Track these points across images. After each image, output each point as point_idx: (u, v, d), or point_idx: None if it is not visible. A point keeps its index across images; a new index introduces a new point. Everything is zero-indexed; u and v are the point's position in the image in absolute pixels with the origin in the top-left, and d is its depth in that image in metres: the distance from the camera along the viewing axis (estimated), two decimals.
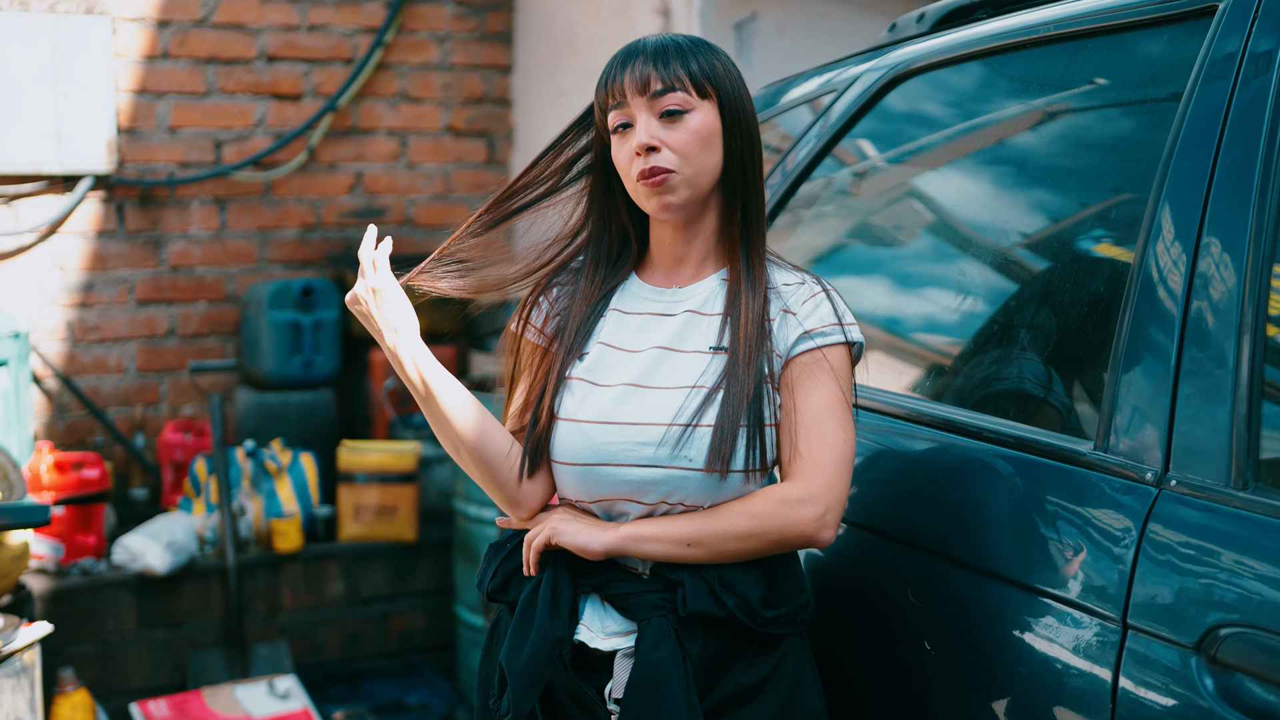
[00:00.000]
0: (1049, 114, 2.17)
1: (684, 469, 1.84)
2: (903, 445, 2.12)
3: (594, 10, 5.31)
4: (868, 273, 2.48)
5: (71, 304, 5.33)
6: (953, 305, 2.21)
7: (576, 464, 1.90)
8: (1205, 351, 1.67)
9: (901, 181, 2.48)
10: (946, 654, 1.91)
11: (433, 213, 5.91)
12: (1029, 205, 2.14)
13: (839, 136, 2.57)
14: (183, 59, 5.42)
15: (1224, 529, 1.60)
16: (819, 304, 1.91)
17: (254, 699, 4.32)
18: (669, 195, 1.88)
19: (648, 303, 1.98)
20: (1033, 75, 2.22)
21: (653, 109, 1.87)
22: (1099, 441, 1.78)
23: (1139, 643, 1.63)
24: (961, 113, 2.39)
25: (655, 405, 1.87)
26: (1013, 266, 2.13)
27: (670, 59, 1.88)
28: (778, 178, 2.65)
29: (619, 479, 1.87)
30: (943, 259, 2.30)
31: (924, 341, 2.30)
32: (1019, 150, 2.21)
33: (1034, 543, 1.81)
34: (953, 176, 2.35)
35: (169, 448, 5.17)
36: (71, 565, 4.55)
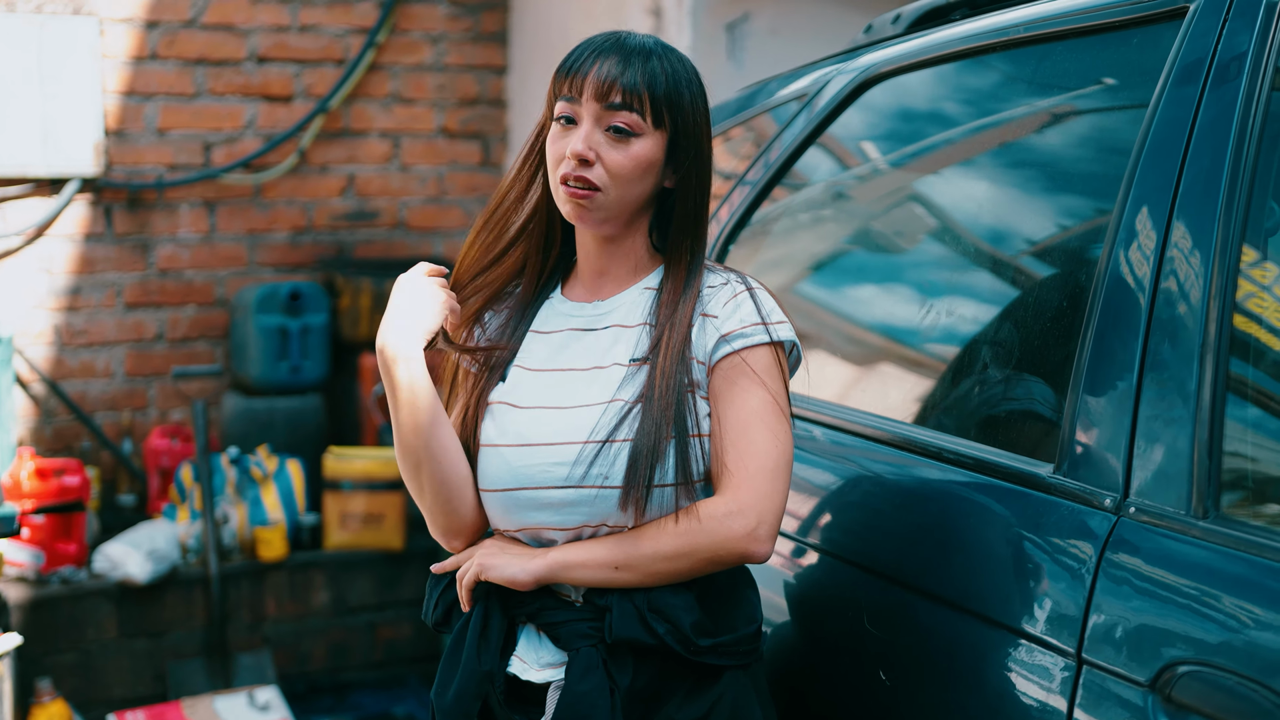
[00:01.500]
0: (1019, 119, 2.08)
1: (600, 487, 1.74)
2: (863, 465, 2.04)
3: (588, 11, 5.24)
4: (832, 282, 2.40)
5: (59, 308, 5.27)
6: (915, 320, 2.13)
7: (497, 490, 1.81)
8: (1167, 374, 1.59)
9: (870, 186, 2.40)
10: (902, 685, 1.82)
11: (426, 215, 5.83)
12: (994, 216, 2.06)
13: (810, 141, 2.49)
14: (171, 60, 5.36)
15: (1183, 559, 1.52)
16: (740, 304, 1.80)
17: (233, 710, 4.25)
18: (586, 212, 1.80)
19: (568, 319, 1.88)
20: (1002, 79, 2.14)
21: (601, 119, 1.77)
22: (1059, 465, 1.70)
23: (1094, 678, 1.55)
24: (929, 117, 2.31)
25: (571, 424, 1.78)
26: (977, 281, 2.04)
27: (640, 69, 1.76)
28: (747, 182, 2.57)
29: (539, 502, 1.78)
30: (906, 272, 2.22)
31: (885, 357, 2.22)
32: (986, 157, 2.12)
33: (991, 570, 1.73)
34: (919, 182, 2.27)
35: (155, 454, 5.11)
36: (52, 574, 4.49)
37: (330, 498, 4.88)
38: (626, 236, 1.86)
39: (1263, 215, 1.59)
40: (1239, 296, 1.56)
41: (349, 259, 5.64)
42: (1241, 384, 1.56)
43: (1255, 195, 1.58)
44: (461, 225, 5.89)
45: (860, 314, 2.29)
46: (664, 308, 1.81)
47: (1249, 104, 1.62)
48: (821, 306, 2.39)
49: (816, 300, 2.41)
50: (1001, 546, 1.73)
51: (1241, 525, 1.49)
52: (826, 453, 2.10)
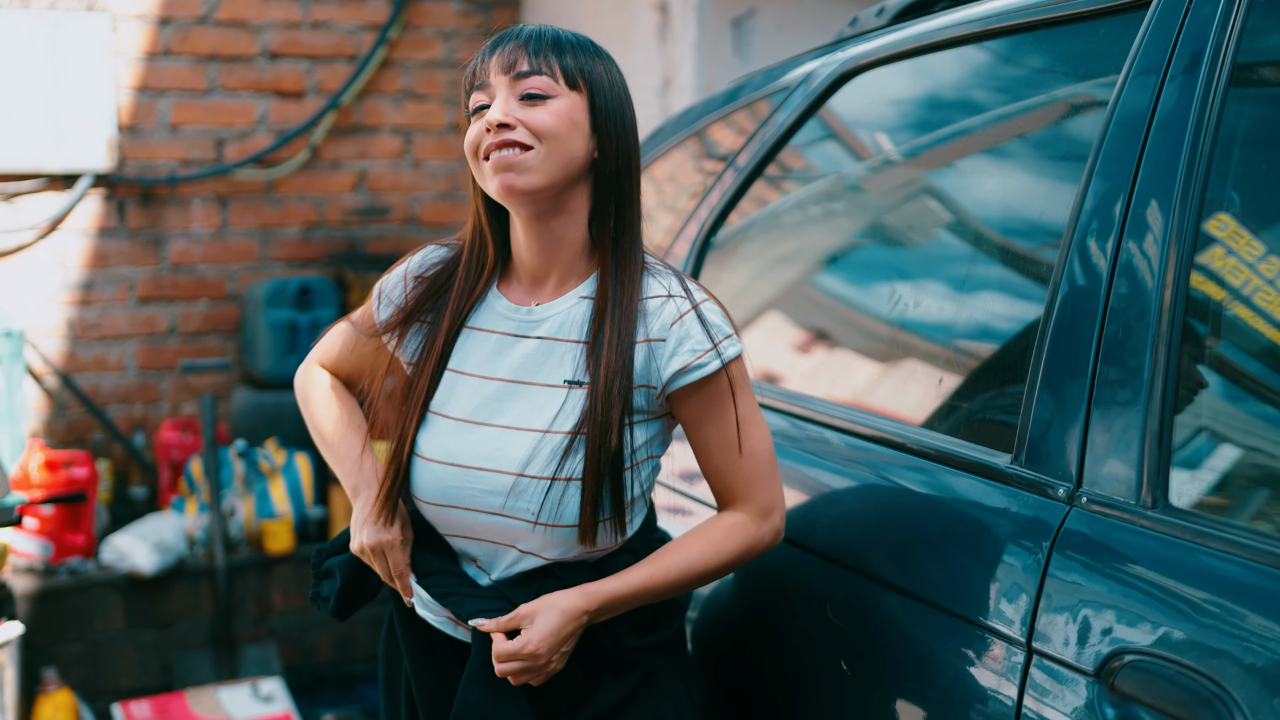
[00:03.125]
0: (987, 111, 2.08)
1: (530, 522, 1.75)
2: (824, 453, 2.04)
3: (596, 7, 5.25)
4: (804, 273, 2.40)
5: (72, 302, 5.32)
6: (879, 310, 2.13)
7: (428, 502, 1.83)
8: (1122, 364, 1.58)
9: (844, 177, 2.40)
10: (861, 674, 1.83)
11: (438, 211, 5.86)
12: (964, 202, 2.05)
13: (792, 132, 2.49)
14: (184, 56, 5.40)
15: (1131, 549, 1.51)
16: (687, 329, 1.76)
17: (236, 701, 4.28)
18: (517, 176, 1.71)
19: (503, 321, 1.83)
20: (977, 70, 2.14)
21: (514, 89, 1.73)
22: (1016, 455, 1.70)
23: (1042, 667, 1.55)
24: (909, 106, 2.31)
25: (503, 448, 1.76)
26: (940, 270, 2.04)
27: (545, 46, 1.75)
28: (728, 177, 2.57)
29: (469, 522, 1.80)
30: (874, 261, 2.21)
31: (847, 346, 2.22)
32: (953, 150, 2.12)
33: (949, 560, 1.73)
34: (892, 173, 2.27)
35: (166, 447, 5.15)
36: (60, 565, 4.53)
37: (338, 491, 4.91)
38: (561, 221, 1.79)
39: (1219, 206, 1.59)
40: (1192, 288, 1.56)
41: (361, 254, 5.66)
42: (1194, 374, 1.56)
43: (1210, 187, 1.58)
44: None
45: (826, 305, 2.29)
46: (605, 323, 1.76)
47: (1206, 96, 1.61)
48: (790, 297, 2.39)
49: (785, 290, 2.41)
50: (959, 536, 1.73)
51: (1189, 515, 1.48)
52: (788, 442, 2.10)
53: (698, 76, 4.64)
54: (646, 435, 1.81)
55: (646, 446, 1.81)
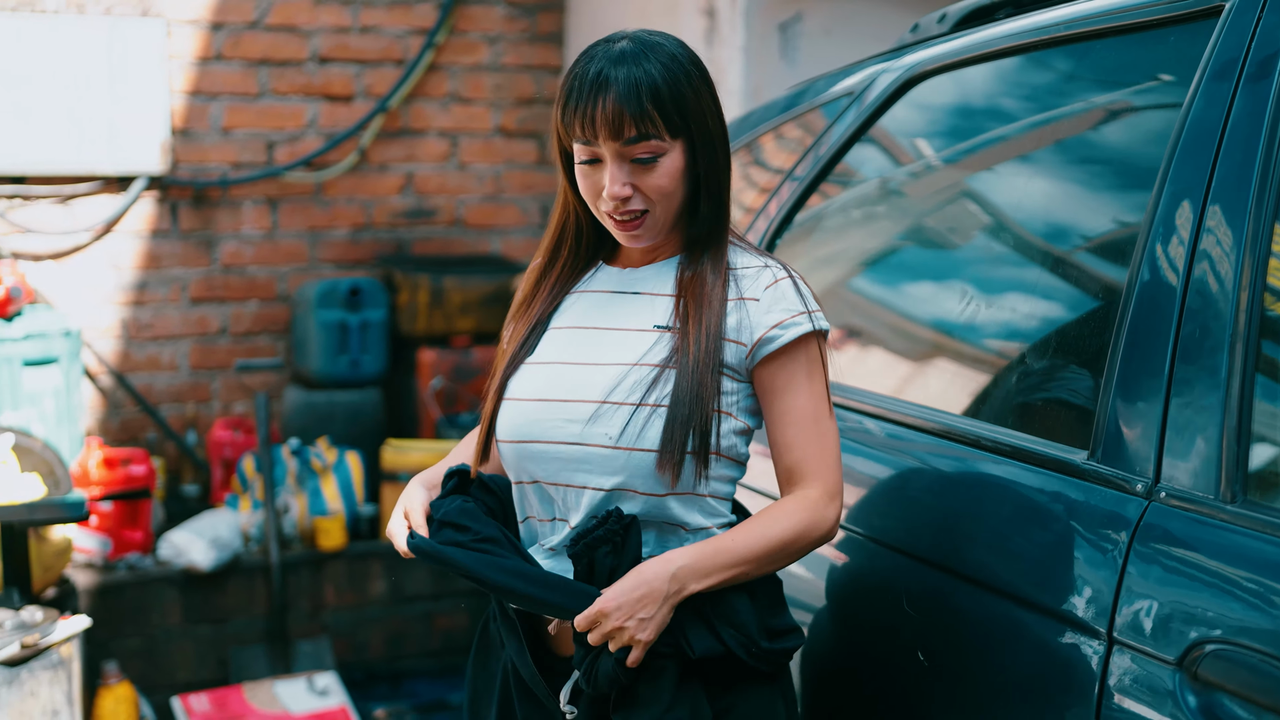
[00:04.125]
0: (1057, 117, 2.13)
1: (609, 447, 1.81)
2: (901, 452, 2.09)
3: (642, 11, 5.31)
4: (877, 276, 2.45)
5: (126, 302, 5.41)
6: (955, 312, 2.18)
7: (509, 440, 1.90)
8: (1198, 363, 1.63)
9: (912, 182, 2.45)
10: (939, 665, 1.88)
11: (483, 213, 5.93)
12: (1035, 207, 2.10)
13: (856, 137, 2.54)
14: (236, 61, 5.48)
15: (1210, 542, 1.56)
16: (782, 292, 1.86)
17: (293, 695, 4.35)
18: (639, 234, 1.86)
19: (606, 281, 1.96)
20: (1044, 76, 2.19)
21: (623, 154, 1.81)
22: (1093, 451, 1.75)
23: (1124, 657, 1.60)
24: (974, 113, 2.36)
25: (589, 381, 1.85)
26: (1015, 269, 2.09)
27: (643, 98, 1.78)
28: (793, 180, 2.63)
29: (549, 455, 1.86)
30: (945, 263, 2.27)
31: (922, 346, 2.27)
32: (1024, 154, 2.17)
33: (1026, 553, 1.78)
34: (961, 178, 2.32)
35: (219, 445, 5.23)
36: (118, 560, 4.62)
37: (388, 489, 4.98)
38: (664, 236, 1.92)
39: None
40: (1269, 285, 1.60)
41: (407, 256, 5.74)
42: (1271, 371, 1.60)
43: None
44: (517, 223, 5.97)
45: (902, 306, 2.34)
46: (693, 280, 1.86)
47: None
48: (865, 299, 2.44)
49: (861, 293, 2.46)
50: (1036, 530, 1.78)
51: (1268, 509, 1.53)
52: (868, 441, 2.15)
53: (745, 80, 4.70)
54: (733, 391, 1.86)
55: (734, 404, 1.86)
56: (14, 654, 3.37)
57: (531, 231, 6.00)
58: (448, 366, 5.39)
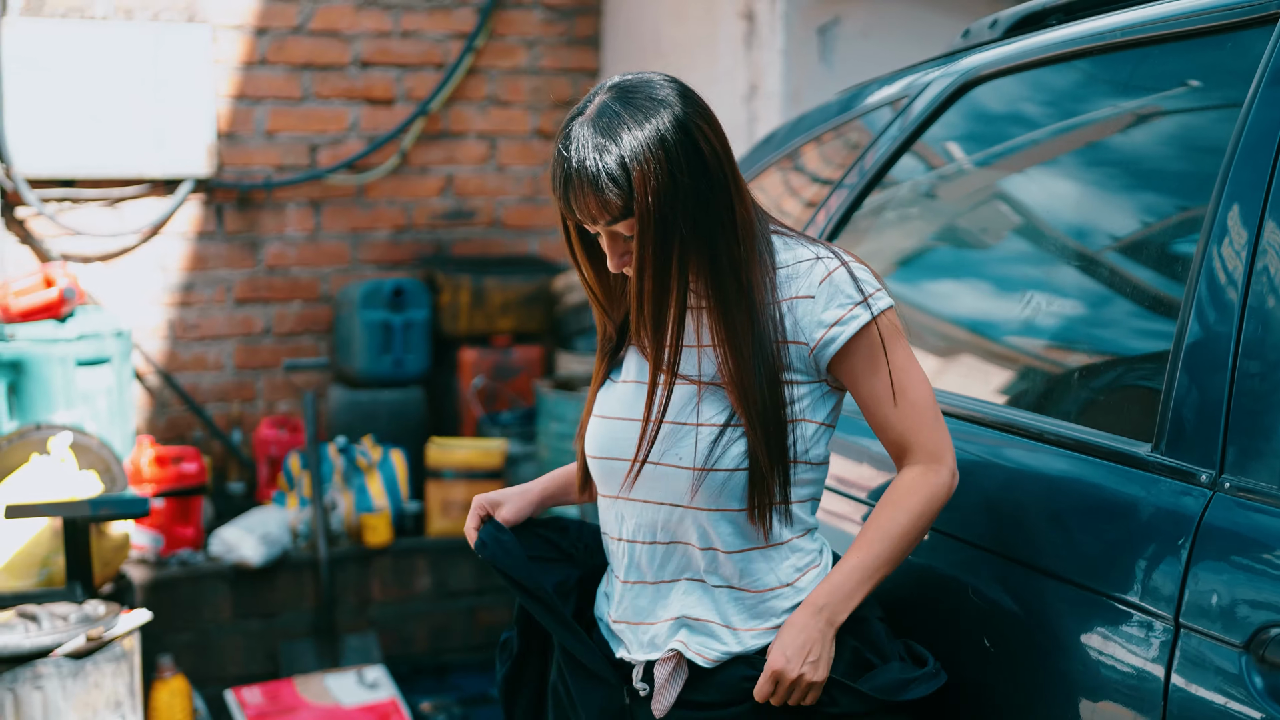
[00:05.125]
0: (1116, 120, 2.19)
1: (689, 468, 1.88)
2: (966, 447, 2.15)
3: (680, 14, 5.38)
4: (936, 275, 2.51)
5: (172, 303, 5.50)
6: (1017, 308, 2.24)
7: (594, 457, 1.98)
8: (1261, 357, 1.69)
9: (970, 186, 2.52)
10: (1005, 650, 1.94)
11: (521, 215, 6.01)
12: (1094, 209, 2.17)
13: (911, 141, 2.60)
14: (280, 65, 5.57)
15: (1275, 531, 1.62)
16: (836, 286, 1.88)
17: (344, 688, 4.44)
18: None
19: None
20: (1102, 81, 2.24)
21: (611, 233, 1.85)
22: (1156, 444, 1.81)
23: (1190, 642, 1.66)
24: (1032, 118, 2.42)
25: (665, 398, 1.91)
26: (1076, 270, 2.16)
27: (603, 189, 1.79)
28: (849, 183, 2.69)
29: (622, 472, 1.93)
30: (1008, 262, 2.33)
31: (987, 344, 2.34)
32: (1085, 156, 2.23)
33: (1093, 543, 1.84)
34: (1019, 181, 2.38)
35: (264, 443, 5.32)
36: (170, 556, 4.71)
37: (433, 486, 5.06)
38: None
39: None
40: None
41: (448, 256, 5.82)
42: None
43: None
44: (554, 224, 6.03)
45: (967, 306, 2.40)
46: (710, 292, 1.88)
47: None
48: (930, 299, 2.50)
49: (926, 294, 2.52)
50: (1102, 521, 1.84)
51: None
52: None
53: (785, 83, 4.77)
54: (805, 396, 1.91)
55: (809, 408, 1.92)
56: (79, 646, 3.46)
57: None
58: (489, 366, 5.47)
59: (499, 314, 5.51)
